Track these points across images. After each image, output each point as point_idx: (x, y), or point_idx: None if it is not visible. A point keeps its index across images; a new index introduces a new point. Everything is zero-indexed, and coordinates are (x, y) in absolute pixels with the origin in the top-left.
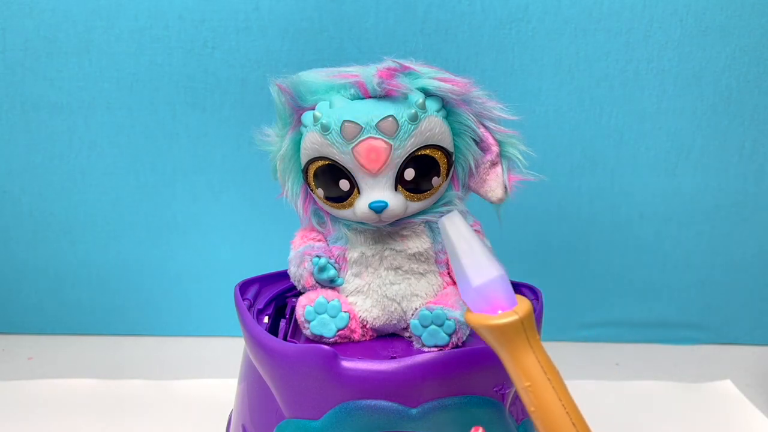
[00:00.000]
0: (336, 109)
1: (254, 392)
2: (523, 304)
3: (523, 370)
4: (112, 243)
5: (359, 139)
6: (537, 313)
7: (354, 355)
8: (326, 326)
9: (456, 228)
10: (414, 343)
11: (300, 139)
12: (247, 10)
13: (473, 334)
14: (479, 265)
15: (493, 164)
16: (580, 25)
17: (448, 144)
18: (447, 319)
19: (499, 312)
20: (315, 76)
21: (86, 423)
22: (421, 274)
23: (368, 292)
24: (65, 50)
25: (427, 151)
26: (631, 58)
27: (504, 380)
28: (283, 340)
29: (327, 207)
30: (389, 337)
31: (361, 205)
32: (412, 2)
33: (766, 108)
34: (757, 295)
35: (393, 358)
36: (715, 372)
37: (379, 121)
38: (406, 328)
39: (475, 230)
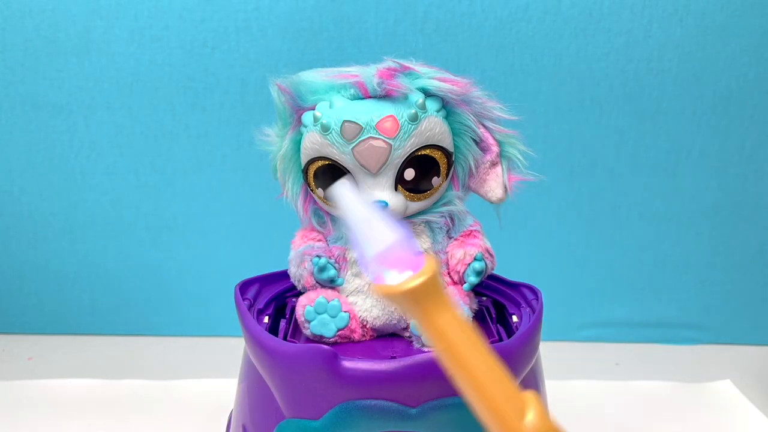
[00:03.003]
0: (336, 109)
1: (254, 392)
2: (426, 266)
3: (437, 332)
4: (112, 243)
5: (359, 139)
6: (537, 313)
7: (354, 355)
8: (326, 326)
9: (345, 197)
10: (414, 343)
11: (300, 139)
12: (247, 10)
13: None
14: (373, 234)
15: (493, 164)
16: (580, 25)
17: (448, 144)
18: None
19: (406, 274)
20: (315, 76)
21: (86, 423)
22: None
23: (368, 292)
24: (65, 50)
25: (427, 151)
26: (631, 58)
27: None
28: (283, 340)
29: (327, 207)
30: (389, 337)
31: None
32: (412, 2)
33: (766, 108)
34: (757, 295)
35: (393, 358)
36: (715, 372)
37: (379, 121)
38: (406, 328)
39: (475, 230)
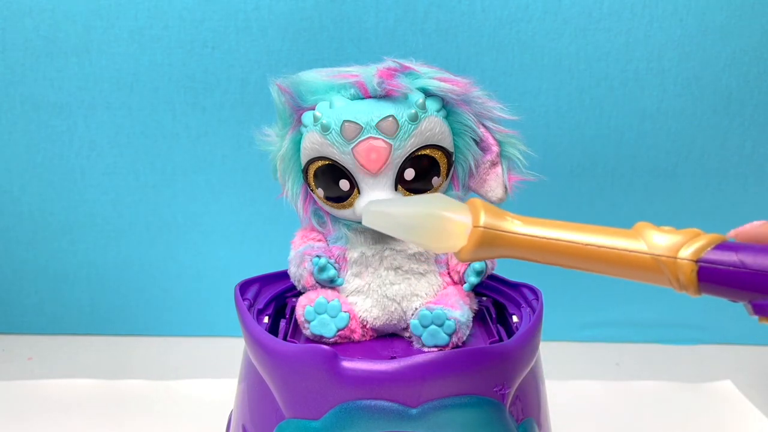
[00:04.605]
0: (336, 109)
1: (254, 392)
2: (473, 211)
3: (533, 250)
4: (112, 243)
5: (359, 139)
6: (537, 313)
7: (354, 355)
8: (326, 326)
9: (381, 217)
10: (414, 343)
11: (300, 139)
12: (247, 10)
13: (473, 334)
14: (422, 222)
15: (493, 164)
16: (580, 25)
17: (448, 144)
18: (447, 319)
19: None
20: (315, 76)
21: (86, 423)
22: (421, 274)
23: (368, 292)
24: (65, 50)
25: (427, 151)
26: (631, 58)
27: (504, 380)
28: (283, 340)
29: (327, 207)
30: (389, 337)
31: (362, 204)
32: (412, 2)
33: (766, 108)
34: None
35: (393, 358)
36: (715, 372)
37: (379, 121)
38: (406, 328)
39: None
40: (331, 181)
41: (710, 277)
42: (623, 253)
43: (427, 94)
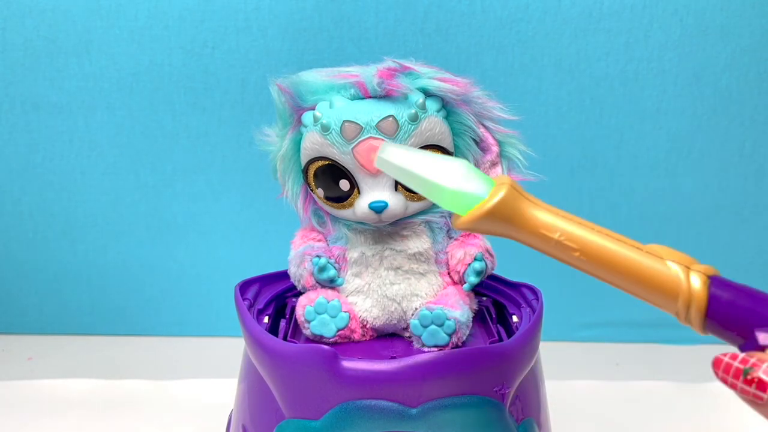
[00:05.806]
0: (336, 109)
1: (254, 392)
2: (502, 177)
3: (545, 227)
4: (112, 243)
5: (359, 139)
6: (537, 313)
7: (354, 355)
8: (326, 326)
9: (398, 155)
10: (414, 343)
11: (300, 139)
12: (247, 10)
13: (473, 334)
14: (443, 169)
15: (493, 164)
16: (580, 25)
17: (448, 144)
18: (447, 319)
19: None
20: (315, 76)
21: (86, 423)
22: (421, 274)
23: (368, 292)
24: (65, 50)
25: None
26: (631, 58)
27: (504, 380)
28: (283, 340)
29: (327, 207)
30: (389, 337)
31: (362, 205)
32: (412, 2)
33: (766, 108)
34: None
35: (393, 358)
36: None
37: (379, 121)
38: (406, 328)
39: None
40: (331, 181)
41: (723, 286)
42: (638, 253)
43: (427, 94)
